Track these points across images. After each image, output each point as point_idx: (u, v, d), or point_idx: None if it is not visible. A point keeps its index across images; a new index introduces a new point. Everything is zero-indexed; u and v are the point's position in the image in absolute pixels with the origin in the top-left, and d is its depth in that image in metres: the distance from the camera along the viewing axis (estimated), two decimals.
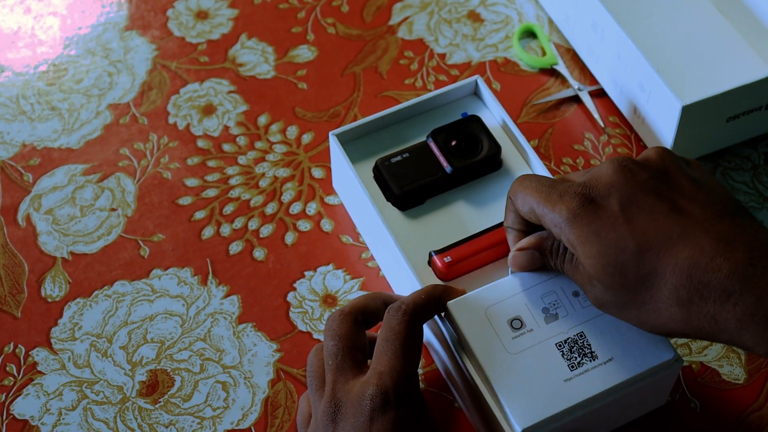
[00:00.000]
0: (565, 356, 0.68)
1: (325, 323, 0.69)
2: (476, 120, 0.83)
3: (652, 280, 0.61)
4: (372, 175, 0.82)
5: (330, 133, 0.82)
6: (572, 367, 0.68)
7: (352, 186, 0.81)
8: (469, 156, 0.81)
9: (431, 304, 0.69)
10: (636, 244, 0.61)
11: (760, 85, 0.83)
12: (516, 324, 0.69)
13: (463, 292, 0.71)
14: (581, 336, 0.69)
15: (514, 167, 0.83)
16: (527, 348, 0.68)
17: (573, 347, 0.68)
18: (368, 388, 0.64)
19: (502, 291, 0.71)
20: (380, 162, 0.82)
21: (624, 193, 0.63)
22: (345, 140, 0.83)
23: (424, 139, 0.83)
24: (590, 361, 0.68)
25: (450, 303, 0.70)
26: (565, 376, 0.67)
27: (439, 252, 0.77)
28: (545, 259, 0.69)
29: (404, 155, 0.82)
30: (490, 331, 0.69)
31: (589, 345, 0.68)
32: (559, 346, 0.68)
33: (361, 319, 0.69)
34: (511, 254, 0.71)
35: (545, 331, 0.69)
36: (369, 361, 0.69)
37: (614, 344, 0.69)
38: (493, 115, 0.85)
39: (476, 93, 0.86)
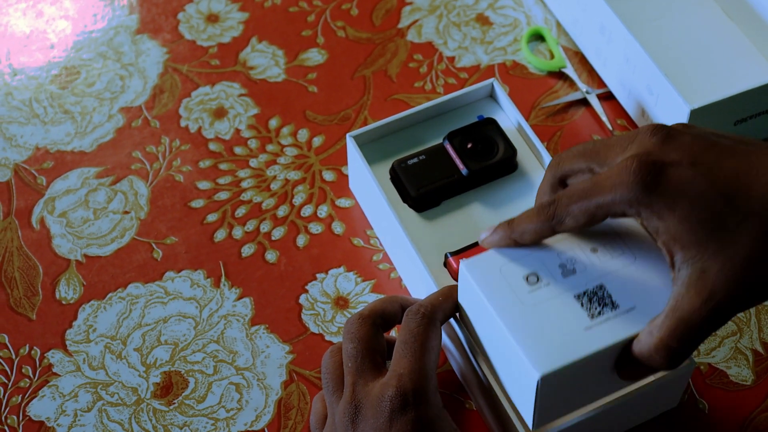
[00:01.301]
0: (584, 306, 0.64)
1: (344, 326, 0.70)
2: (492, 123, 0.84)
3: (747, 222, 0.59)
4: (388, 176, 0.83)
5: (347, 135, 0.83)
6: (592, 316, 0.64)
7: (368, 187, 0.82)
8: (485, 158, 0.82)
9: (449, 305, 0.70)
10: (722, 193, 0.59)
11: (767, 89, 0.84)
12: (532, 279, 0.66)
13: None
14: (601, 288, 0.65)
15: (529, 170, 0.84)
16: (544, 300, 0.65)
17: (593, 298, 0.65)
18: (388, 389, 0.65)
19: (516, 250, 0.67)
20: (397, 164, 0.83)
21: (684, 150, 0.61)
22: (361, 142, 0.84)
23: (439, 141, 0.84)
24: (611, 310, 0.64)
25: (463, 261, 0.67)
26: (585, 325, 0.63)
27: (454, 253, 0.77)
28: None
29: (420, 157, 0.83)
30: (505, 286, 0.65)
31: (610, 296, 0.64)
32: (578, 297, 0.65)
33: (379, 322, 0.70)
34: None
35: (563, 284, 0.65)
36: (387, 363, 0.70)
37: (636, 294, 0.65)
38: (509, 117, 0.86)
39: (492, 96, 0.87)
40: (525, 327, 0.64)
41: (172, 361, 0.79)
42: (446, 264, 0.78)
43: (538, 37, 0.98)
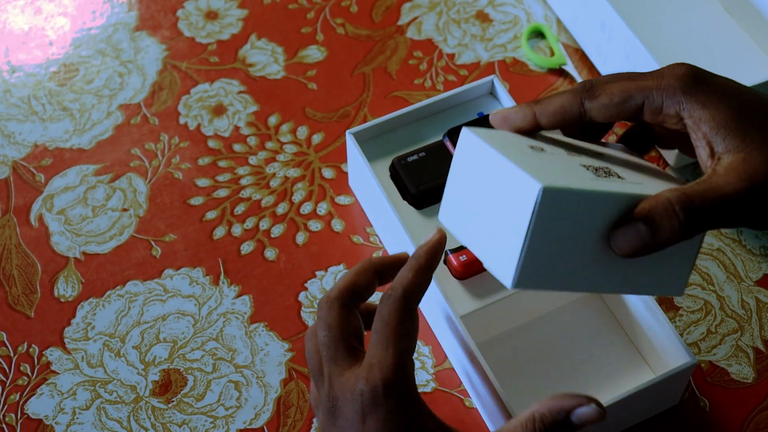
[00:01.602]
0: (590, 170, 0.60)
1: (316, 311, 0.67)
2: None
3: None
4: (388, 174, 0.83)
5: (347, 132, 0.83)
6: (599, 176, 0.60)
7: (368, 185, 0.81)
8: None
9: (421, 280, 0.64)
10: (765, 102, 0.60)
11: None
12: (537, 148, 0.61)
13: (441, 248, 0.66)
14: (607, 168, 0.61)
15: None
16: (549, 160, 0.60)
17: (598, 169, 0.61)
18: (359, 382, 0.62)
19: (518, 136, 0.63)
20: (397, 161, 0.82)
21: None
22: (361, 139, 0.84)
23: (439, 138, 0.84)
24: (618, 178, 0.60)
25: (466, 128, 0.62)
26: (591, 177, 0.59)
27: (454, 251, 0.77)
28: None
29: (420, 154, 0.82)
30: (510, 146, 0.60)
31: (617, 173, 0.61)
32: (584, 166, 0.61)
33: (349, 301, 0.65)
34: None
35: (569, 156, 0.62)
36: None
37: (642, 177, 0.62)
38: None
39: (492, 93, 0.87)
40: (530, 163, 0.58)
41: (170, 358, 0.79)
42: (446, 261, 0.78)
43: (538, 34, 0.98)
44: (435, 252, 0.65)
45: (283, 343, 0.80)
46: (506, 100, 0.85)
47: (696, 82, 0.60)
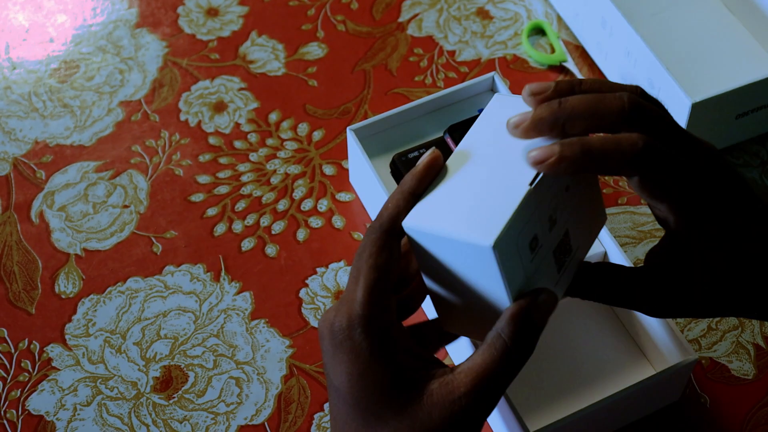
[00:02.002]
0: (557, 261, 0.61)
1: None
2: None
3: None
4: (389, 170, 0.83)
5: (348, 129, 0.83)
6: (559, 269, 0.62)
7: (369, 181, 0.81)
8: None
9: (401, 209, 0.59)
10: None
11: None
12: (533, 244, 0.60)
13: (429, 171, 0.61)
14: (566, 235, 0.62)
15: None
16: (538, 268, 0.60)
17: (558, 250, 0.62)
18: (329, 314, 0.60)
19: (527, 210, 0.60)
20: (397, 157, 0.82)
21: None
22: (362, 136, 0.84)
23: (440, 135, 0.84)
24: (567, 256, 0.62)
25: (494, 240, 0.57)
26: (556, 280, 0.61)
27: None
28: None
29: (421, 151, 0.83)
30: (519, 264, 0.59)
31: (569, 243, 0.62)
32: (555, 253, 0.61)
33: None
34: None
35: (549, 240, 0.61)
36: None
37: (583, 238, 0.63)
38: None
39: (492, 90, 0.87)
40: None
41: (171, 355, 0.79)
42: None
43: (538, 31, 0.98)
44: (422, 177, 0.60)
45: (284, 340, 0.80)
46: None
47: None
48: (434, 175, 0.60)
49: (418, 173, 0.60)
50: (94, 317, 0.81)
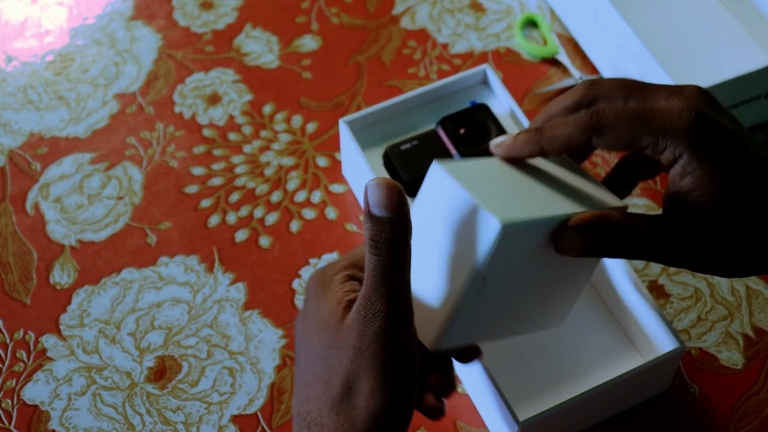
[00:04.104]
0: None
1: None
2: (485, 109, 0.84)
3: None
4: (382, 162, 0.84)
5: (340, 121, 0.83)
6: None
7: (362, 173, 0.82)
8: (478, 144, 0.83)
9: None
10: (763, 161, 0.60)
11: (760, 75, 0.84)
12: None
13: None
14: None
15: None
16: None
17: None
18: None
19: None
20: (390, 149, 0.83)
21: (730, 118, 0.61)
22: (355, 128, 0.84)
23: (432, 127, 0.85)
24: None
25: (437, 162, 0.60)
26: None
27: None
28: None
29: (413, 143, 0.83)
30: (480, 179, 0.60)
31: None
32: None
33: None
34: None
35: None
36: None
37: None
38: (502, 104, 0.86)
39: (485, 82, 0.88)
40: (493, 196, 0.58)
41: (165, 345, 0.80)
42: None
43: (531, 24, 0.98)
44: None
45: (277, 330, 0.81)
46: (499, 89, 0.86)
47: (702, 132, 0.59)
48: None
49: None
50: (89, 308, 0.82)
